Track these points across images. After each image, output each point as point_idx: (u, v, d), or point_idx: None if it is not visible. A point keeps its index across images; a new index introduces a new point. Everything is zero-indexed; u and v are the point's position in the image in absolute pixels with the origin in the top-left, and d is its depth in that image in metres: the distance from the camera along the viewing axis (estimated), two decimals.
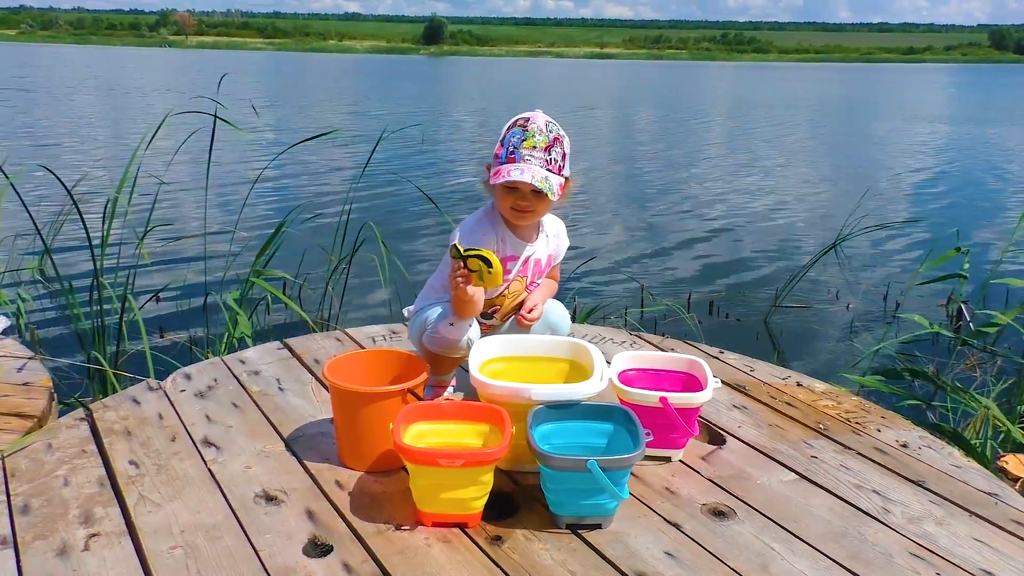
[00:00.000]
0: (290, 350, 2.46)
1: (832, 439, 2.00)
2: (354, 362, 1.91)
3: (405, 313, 2.20)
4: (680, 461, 1.87)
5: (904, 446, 1.97)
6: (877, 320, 5.06)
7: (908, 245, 7.07)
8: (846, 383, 3.46)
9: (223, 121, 3.65)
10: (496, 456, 1.55)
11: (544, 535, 1.57)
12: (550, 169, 1.90)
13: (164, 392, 2.15)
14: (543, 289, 2.16)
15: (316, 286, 4.61)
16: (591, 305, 4.78)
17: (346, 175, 9.74)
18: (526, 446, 1.59)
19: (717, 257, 6.61)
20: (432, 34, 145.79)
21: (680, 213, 8.40)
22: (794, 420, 2.09)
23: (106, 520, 1.59)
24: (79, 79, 30.08)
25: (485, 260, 1.81)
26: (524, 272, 2.07)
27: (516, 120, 1.95)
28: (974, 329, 3.80)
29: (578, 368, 1.91)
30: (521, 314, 2.07)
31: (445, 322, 1.96)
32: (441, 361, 2.04)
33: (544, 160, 1.89)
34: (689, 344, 2.64)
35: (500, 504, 1.65)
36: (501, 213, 2.00)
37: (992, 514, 1.69)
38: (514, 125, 1.94)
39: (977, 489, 1.78)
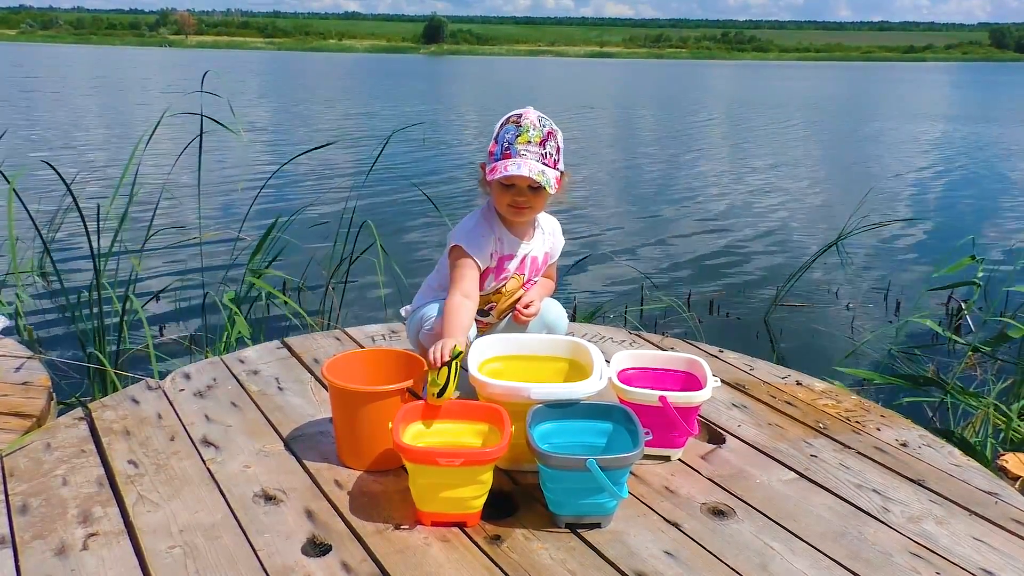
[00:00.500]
0: (289, 349, 2.46)
1: (832, 438, 2.00)
2: (353, 361, 1.90)
3: (403, 312, 2.20)
4: (680, 460, 1.87)
5: (904, 445, 1.97)
6: (877, 319, 5.05)
7: (909, 244, 7.07)
8: (845, 377, 3.46)
9: (218, 124, 3.65)
10: (495, 455, 1.55)
11: (543, 534, 1.57)
12: (546, 163, 1.90)
13: (163, 391, 2.15)
14: (540, 288, 2.15)
15: (316, 286, 4.60)
16: (591, 303, 4.77)
17: (346, 175, 9.74)
18: (525, 445, 1.59)
19: (717, 256, 6.60)
20: (432, 33, 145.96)
21: (680, 212, 8.40)
22: (794, 419, 2.09)
23: (105, 520, 1.58)
24: (78, 79, 30.09)
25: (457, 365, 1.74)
26: (521, 270, 2.07)
27: (509, 117, 1.95)
28: (974, 331, 3.79)
29: (577, 367, 1.90)
30: (518, 308, 2.06)
31: (441, 320, 1.95)
32: None
33: (539, 154, 1.90)
34: (689, 343, 2.64)
35: (499, 503, 1.65)
36: (498, 211, 2.00)
37: (992, 513, 1.69)
38: (507, 122, 1.94)
39: (977, 488, 1.78)
